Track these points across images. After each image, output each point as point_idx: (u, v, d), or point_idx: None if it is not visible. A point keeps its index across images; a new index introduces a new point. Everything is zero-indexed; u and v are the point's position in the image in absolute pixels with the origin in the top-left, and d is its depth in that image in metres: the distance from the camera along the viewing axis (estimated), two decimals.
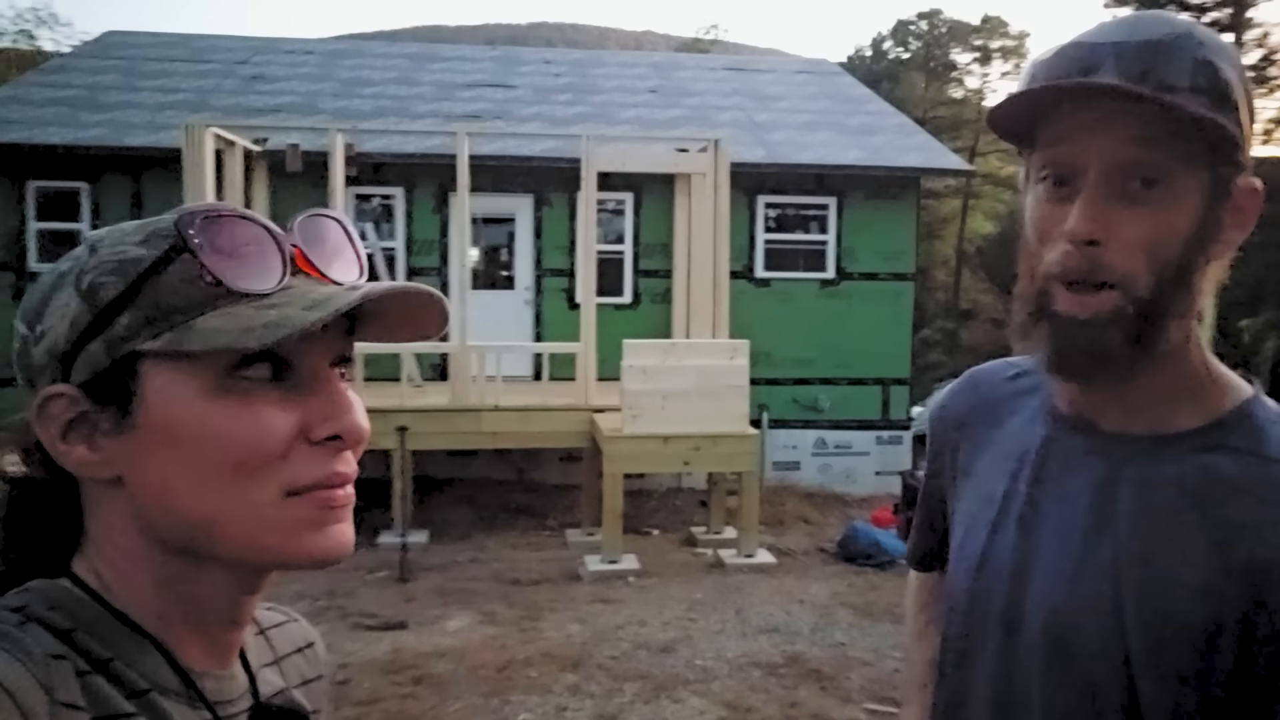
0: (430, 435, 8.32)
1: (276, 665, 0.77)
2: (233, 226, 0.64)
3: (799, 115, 13.43)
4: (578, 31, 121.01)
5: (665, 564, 7.78)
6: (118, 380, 0.63)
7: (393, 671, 5.31)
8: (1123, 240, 0.86)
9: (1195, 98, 0.83)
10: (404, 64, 14.95)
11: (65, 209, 10.81)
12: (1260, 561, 0.84)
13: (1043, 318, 0.90)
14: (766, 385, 10.88)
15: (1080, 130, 0.87)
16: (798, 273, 11.72)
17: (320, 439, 0.64)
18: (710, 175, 9.08)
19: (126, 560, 0.65)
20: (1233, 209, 0.89)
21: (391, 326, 0.71)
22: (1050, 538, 0.96)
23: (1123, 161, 0.85)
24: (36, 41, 30.18)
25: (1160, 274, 0.86)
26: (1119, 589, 0.89)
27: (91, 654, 0.62)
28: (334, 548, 0.66)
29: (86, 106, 11.76)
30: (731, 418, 7.65)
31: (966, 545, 1.06)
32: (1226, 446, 0.89)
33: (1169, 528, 0.88)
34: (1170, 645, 0.86)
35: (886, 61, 43.93)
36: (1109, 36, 0.87)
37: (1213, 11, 25.82)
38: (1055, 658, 0.93)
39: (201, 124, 8.59)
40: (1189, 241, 0.87)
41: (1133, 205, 0.86)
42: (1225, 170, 0.87)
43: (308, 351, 0.65)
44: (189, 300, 0.62)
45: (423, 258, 11.24)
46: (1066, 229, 0.87)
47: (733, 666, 5.54)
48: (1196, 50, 0.84)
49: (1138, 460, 0.92)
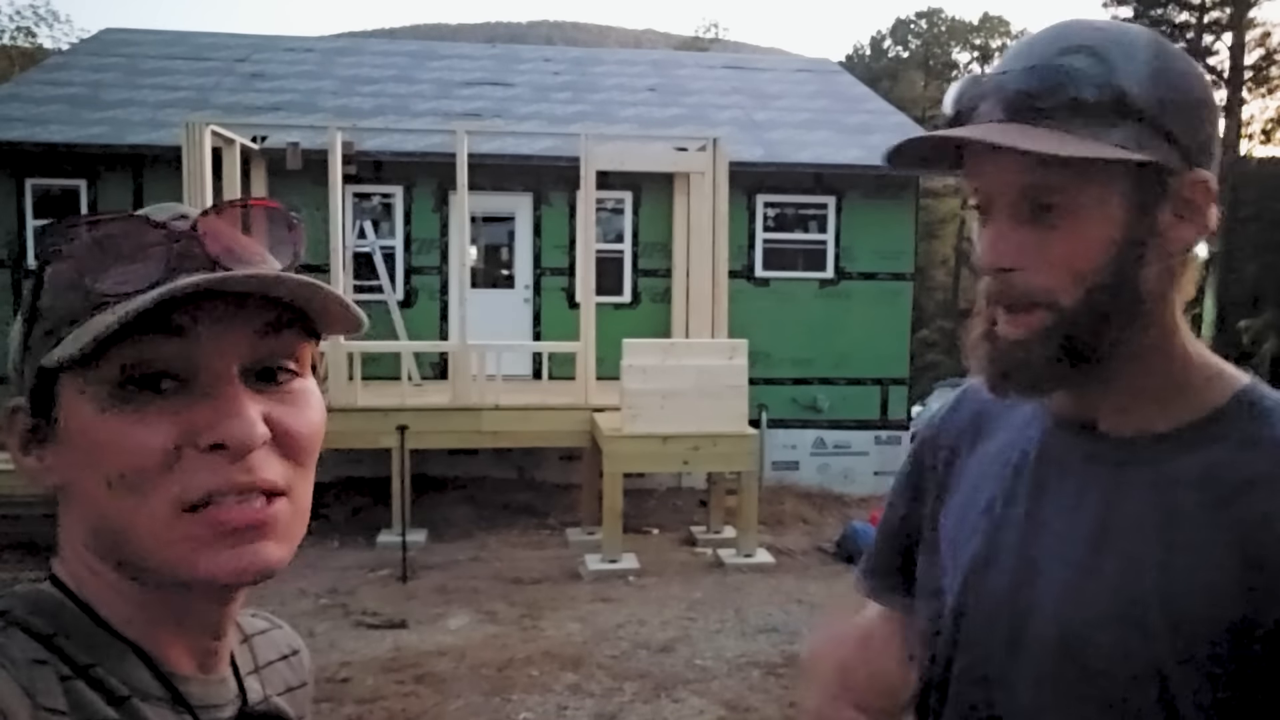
0: (430, 434, 8.33)
1: (258, 673, 0.77)
2: (104, 229, 0.62)
3: (798, 114, 13.43)
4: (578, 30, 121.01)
5: (665, 563, 7.79)
6: (45, 393, 0.63)
7: (394, 670, 5.32)
8: (1041, 260, 0.87)
9: (1080, 116, 0.84)
10: (403, 62, 14.95)
11: (64, 207, 10.81)
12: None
13: (985, 340, 0.92)
14: (765, 385, 10.89)
15: (983, 161, 0.89)
16: (797, 272, 11.73)
17: (205, 447, 0.61)
18: (709, 174, 9.09)
19: (85, 566, 0.65)
20: (1176, 205, 0.87)
21: (320, 321, 0.68)
22: (1052, 547, 0.94)
23: (1023, 186, 0.86)
24: (36, 39, 30.17)
25: (1088, 285, 0.86)
26: (1139, 596, 0.87)
27: (73, 659, 0.61)
28: (237, 569, 0.62)
29: (87, 104, 11.76)
30: (731, 417, 7.67)
31: (957, 560, 1.03)
32: (1229, 438, 0.88)
33: (1183, 529, 0.86)
34: (1200, 648, 0.84)
35: (886, 60, 43.97)
36: (1003, 64, 0.89)
37: (1213, 11, 25.84)
38: (1069, 671, 0.91)
39: (202, 122, 8.60)
40: (1117, 249, 0.86)
41: (1041, 226, 0.87)
42: (1147, 173, 0.86)
43: (207, 353, 0.62)
44: (72, 309, 0.62)
45: (422, 256, 11.25)
46: (980, 261, 0.90)
47: (732, 666, 5.55)
48: (1082, 65, 0.84)
49: (1140, 462, 0.91)
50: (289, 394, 0.66)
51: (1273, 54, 25.94)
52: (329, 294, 0.64)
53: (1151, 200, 0.86)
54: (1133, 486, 0.90)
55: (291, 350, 0.66)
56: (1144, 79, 0.85)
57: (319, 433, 0.68)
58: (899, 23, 46.50)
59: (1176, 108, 0.86)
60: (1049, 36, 0.88)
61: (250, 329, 0.63)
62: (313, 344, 0.68)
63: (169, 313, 0.60)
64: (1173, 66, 0.87)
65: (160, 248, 0.62)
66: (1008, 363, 0.90)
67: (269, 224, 0.68)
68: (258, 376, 0.64)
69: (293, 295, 0.64)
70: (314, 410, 0.67)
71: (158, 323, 0.59)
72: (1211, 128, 0.89)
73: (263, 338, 0.64)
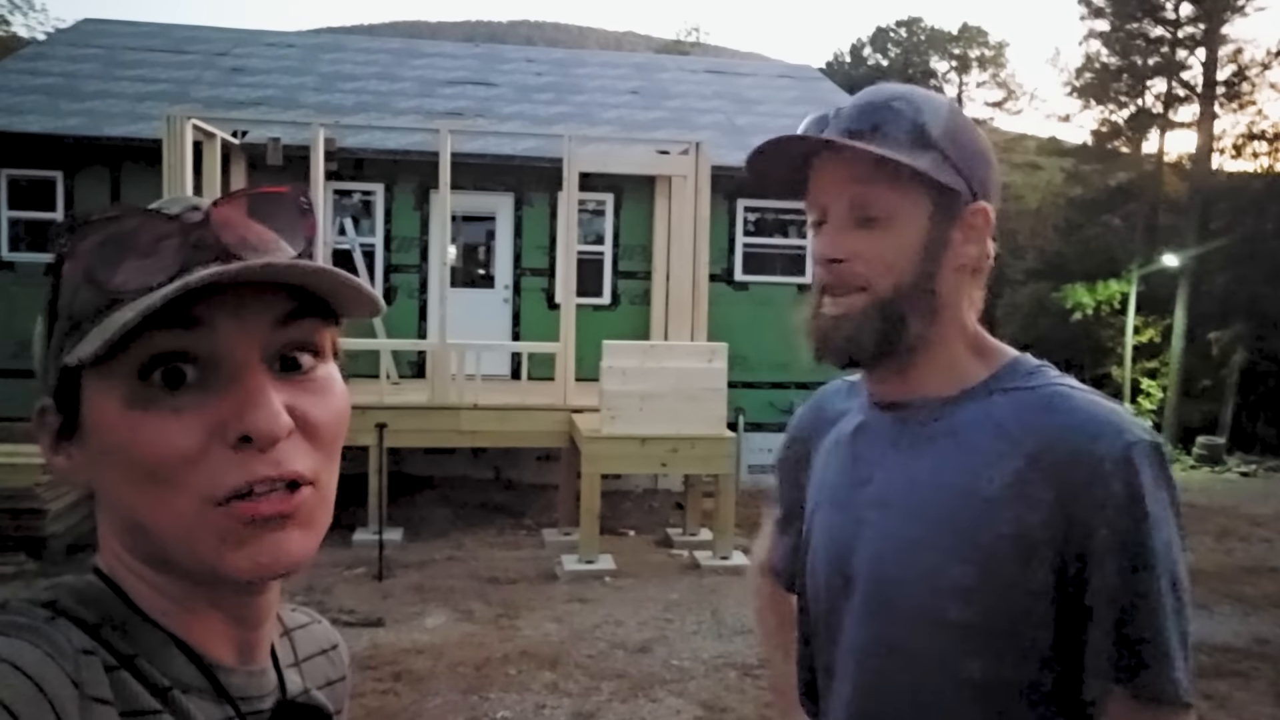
0: (408, 433, 8.31)
1: (298, 666, 0.77)
2: (117, 224, 0.62)
3: (779, 119, 13.49)
4: (558, 30, 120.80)
5: (641, 565, 7.81)
6: (69, 392, 0.64)
7: (371, 668, 5.32)
8: (862, 256, 1.09)
9: (896, 142, 1.06)
10: (386, 59, 14.90)
11: (41, 198, 10.71)
12: (1057, 454, 1.02)
13: (813, 318, 1.13)
14: (743, 388, 10.93)
15: (822, 179, 1.12)
16: (776, 277, 11.79)
17: (232, 441, 0.61)
18: (691, 178, 9.12)
19: (120, 561, 0.66)
20: (963, 227, 1.10)
21: (336, 307, 0.67)
22: (871, 499, 1.15)
23: (851, 196, 1.09)
24: (10, 27, 29.83)
25: (898, 280, 1.08)
26: (940, 521, 1.07)
27: (117, 650, 0.62)
28: (264, 563, 0.62)
29: (65, 95, 11.65)
30: (709, 420, 7.70)
31: (813, 534, 1.24)
32: (1004, 389, 1.10)
33: (978, 446, 1.07)
34: (992, 553, 1.03)
35: (866, 68, 44.20)
36: (841, 104, 1.12)
37: (1187, 27, 26.16)
38: (890, 593, 1.10)
39: (183, 115, 8.52)
40: (920, 254, 1.08)
41: (865, 230, 1.09)
42: (944, 197, 1.08)
43: (228, 343, 0.62)
44: (89, 306, 0.62)
45: (402, 255, 11.22)
46: (815, 252, 1.12)
47: (709, 667, 5.58)
48: (901, 106, 1.08)
49: (938, 417, 1.12)
50: (312, 381, 0.66)
51: (1244, 70, 26.29)
52: (343, 279, 0.64)
53: (946, 219, 1.09)
54: (934, 438, 1.11)
55: (312, 336, 0.66)
56: (942, 124, 1.09)
57: (344, 420, 0.68)
58: (879, 31, 46.78)
59: (964, 150, 1.10)
60: (877, 90, 1.13)
61: (270, 317, 0.63)
62: (333, 328, 0.68)
63: (187, 305, 0.60)
64: (963, 123, 1.12)
65: (174, 240, 0.62)
66: (829, 335, 1.12)
67: (281, 210, 0.67)
68: (281, 366, 0.64)
69: (305, 281, 0.63)
70: (337, 397, 0.67)
71: (176, 316, 0.59)
72: (992, 172, 1.13)
73: (283, 326, 0.64)
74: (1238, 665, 5.73)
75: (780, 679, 1.41)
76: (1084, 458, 1.01)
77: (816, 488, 1.26)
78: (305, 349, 0.66)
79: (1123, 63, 28.15)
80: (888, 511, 1.12)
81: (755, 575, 1.50)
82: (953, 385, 1.12)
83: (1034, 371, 1.12)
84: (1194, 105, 26.61)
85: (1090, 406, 1.05)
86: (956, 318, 1.13)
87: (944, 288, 1.10)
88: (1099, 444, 1.01)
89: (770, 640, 1.47)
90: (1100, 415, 1.04)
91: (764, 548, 1.47)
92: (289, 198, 0.68)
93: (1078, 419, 1.03)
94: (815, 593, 1.22)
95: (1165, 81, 27.33)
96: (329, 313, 0.67)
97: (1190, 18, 26.08)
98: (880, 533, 1.12)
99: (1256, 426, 23.59)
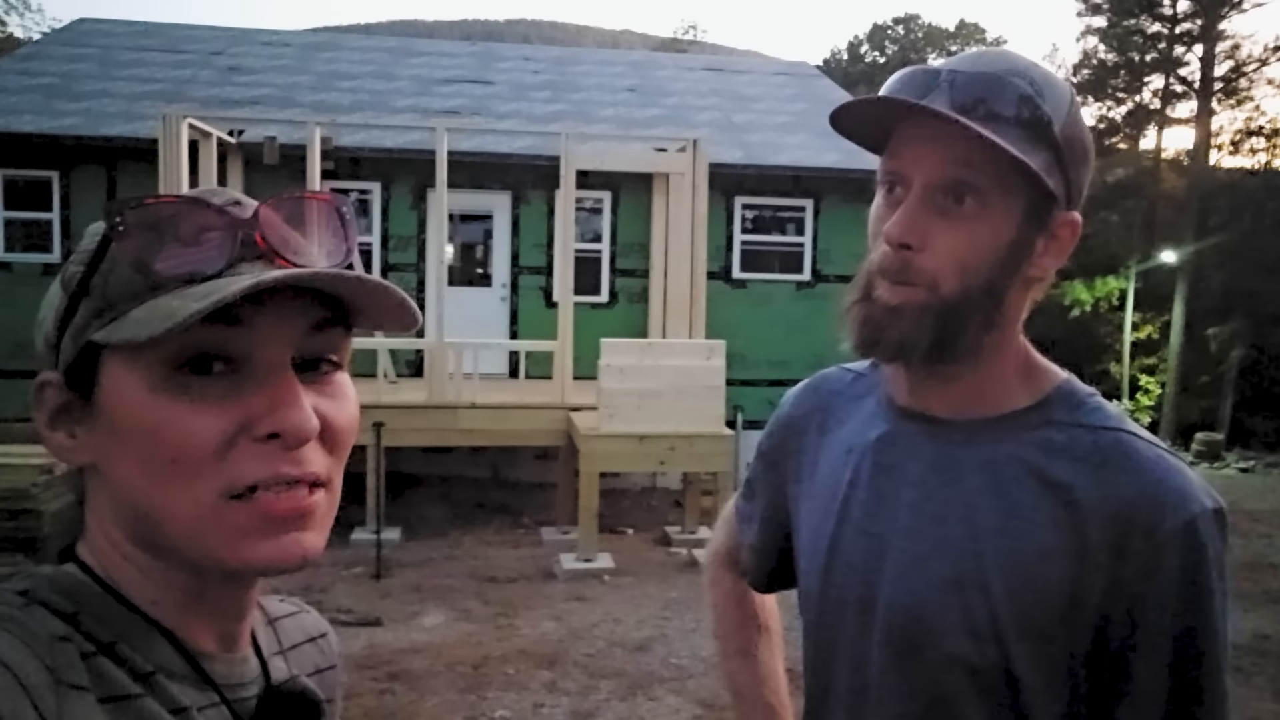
0: (406, 431, 8.30)
1: (283, 655, 0.77)
2: (169, 210, 0.62)
3: (777, 117, 13.49)
4: (555, 29, 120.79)
5: (640, 563, 7.80)
6: (86, 370, 0.63)
7: (369, 667, 5.30)
8: (935, 248, 0.94)
9: (1013, 129, 0.91)
10: (382, 58, 14.89)
11: (37, 198, 10.69)
12: (1116, 518, 0.93)
13: (862, 304, 0.99)
14: (741, 386, 10.91)
15: (913, 145, 0.96)
16: (774, 274, 11.78)
17: (261, 436, 0.62)
18: (688, 175, 9.11)
19: (113, 546, 0.65)
20: (1049, 237, 0.98)
21: (371, 317, 0.68)
22: (899, 523, 1.03)
23: (942, 178, 0.94)
24: (6, 28, 29.79)
25: (967, 282, 0.95)
26: (981, 562, 0.96)
27: (96, 637, 0.62)
28: (277, 558, 0.63)
29: (61, 95, 11.63)
30: (707, 418, 7.69)
31: (815, 544, 1.11)
32: (1053, 421, 0.99)
33: (1019, 498, 0.97)
34: (1037, 606, 0.94)
35: (863, 65, 44.20)
36: (953, 65, 0.96)
37: (1184, 23, 26.16)
38: (916, 634, 0.99)
39: (179, 114, 8.51)
40: (999, 258, 0.95)
41: (947, 218, 0.94)
42: (1042, 200, 0.95)
43: (263, 343, 0.62)
44: (132, 289, 0.61)
45: (399, 254, 11.20)
46: (885, 232, 0.96)
47: (707, 665, 5.57)
48: (1024, 87, 0.92)
49: (977, 441, 1.00)
50: (330, 385, 0.67)
51: (1242, 66, 26.29)
52: (397, 296, 0.65)
53: (1035, 225, 0.96)
54: (969, 465, 1.00)
55: (335, 344, 0.67)
56: (1064, 118, 0.94)
57: (356, 425, 0.69)
58: (876, 28, 46.79)
59: (1076, 152, 0.96)
60: (996, 56, 0.97)
61: (305, 323, 0.64)
62: (350, 336, 0.69)
63: (234, 303, 0.59)
64: (1080, 119, 0.97)
65: (220, 234, 0.62)
66: (883, 327, 0.97)
67: (324, 217, 0.68)
68: (300, 367, 0.65)
69: (355, 293, 0.64)
70: (352, 403, 0.68)
71: (220, 312, 0.59)
72: (1087, 179, 1.00)
73: (316, 332, 0.65)
74: (1238, 662, 5.72)
75: (739, 680, 1.32)
76: (1141, 523, 0.92)
77: (820, 493, 1.13)
78: (329, 354, 0.67)
79: (1120, 59, 28.13)
80: (918, 541, 1.01)
81: (713, 566, 1.39)
82: (995, 406, 1.01)
83: (1085, 403, 1.01)
84: (1192, 101, 26.60)
85: (1154, 467, 0.95)
86: (1014, 333, 1.02)
87: (1010, 298, 0.99)
88: (1161, 512, 0.92)
89: (730, 639, 1.36)
90: (1164, 478, 0.94)
91: (725, 535, 1.36)
92: (331, 206, 0.68)
93: (1142, 481, 0.94)
94: (823, 614, 1.11)
95: (1163, 78, 27.31)
96: (350, 321, 0.68)
97: (1188, 14, 26.07)
98: (908, 563, 1.02)
99: (1255, 423, 23.58)
